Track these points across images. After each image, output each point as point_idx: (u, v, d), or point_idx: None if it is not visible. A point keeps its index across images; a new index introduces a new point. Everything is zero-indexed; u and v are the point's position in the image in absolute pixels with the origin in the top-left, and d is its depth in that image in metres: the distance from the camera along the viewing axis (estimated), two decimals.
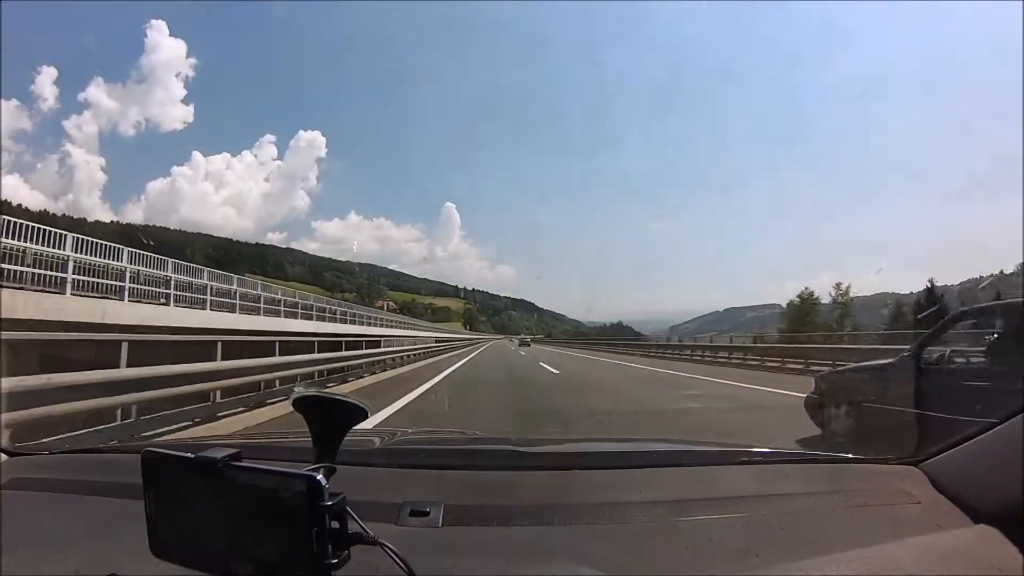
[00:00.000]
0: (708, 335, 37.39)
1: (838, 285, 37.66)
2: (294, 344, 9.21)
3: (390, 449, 1.25)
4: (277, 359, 7.41)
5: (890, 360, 3.99)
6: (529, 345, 50.00)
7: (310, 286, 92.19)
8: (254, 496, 0.59)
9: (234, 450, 0.61)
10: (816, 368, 10.00)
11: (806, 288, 39.55)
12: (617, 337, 58.68)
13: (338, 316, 24.24)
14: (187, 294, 14.11)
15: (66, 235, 11.79)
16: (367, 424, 0.96)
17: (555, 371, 14.43)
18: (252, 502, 0.59)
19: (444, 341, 31.02)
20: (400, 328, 34.01)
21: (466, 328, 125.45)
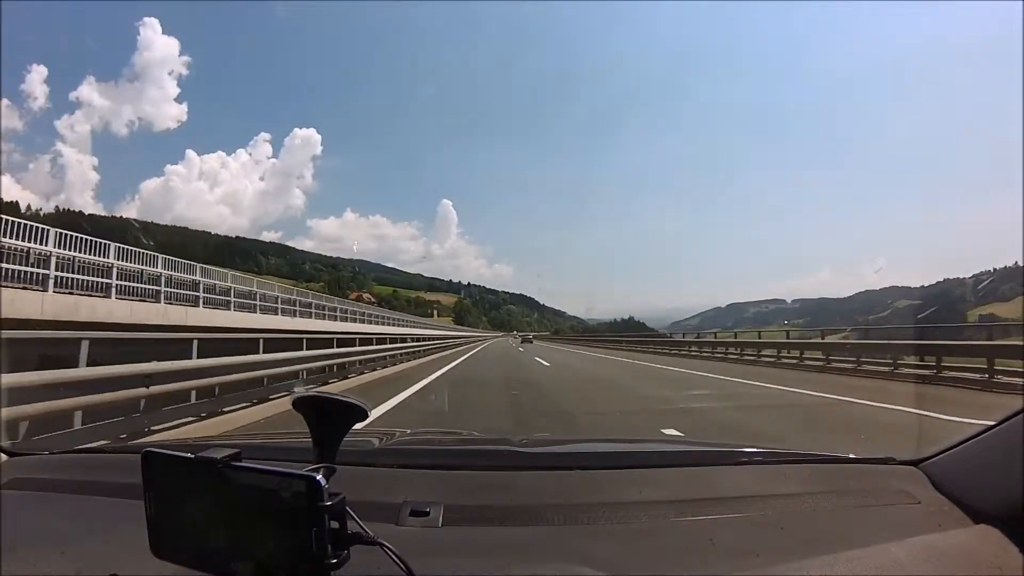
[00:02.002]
0: (713, 331, 35.46)
1: None
2: None
3: (390, 449, 1.25)
4: None
5: None
6: (531, 343, 48.20)
7: (288, 280, 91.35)
8: (254, 496, 0.59)
9: (234, 450, 0.61)
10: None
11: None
12: (631, 334, 52.72)
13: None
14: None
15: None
16: (366, 424, 0.96)
17: None
18: (252, 502, 0.59)
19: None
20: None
21: (456, 324, 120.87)
